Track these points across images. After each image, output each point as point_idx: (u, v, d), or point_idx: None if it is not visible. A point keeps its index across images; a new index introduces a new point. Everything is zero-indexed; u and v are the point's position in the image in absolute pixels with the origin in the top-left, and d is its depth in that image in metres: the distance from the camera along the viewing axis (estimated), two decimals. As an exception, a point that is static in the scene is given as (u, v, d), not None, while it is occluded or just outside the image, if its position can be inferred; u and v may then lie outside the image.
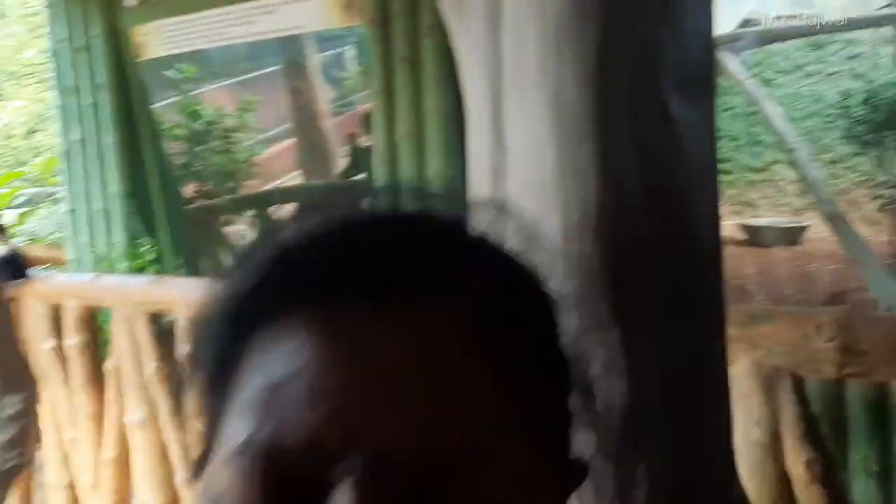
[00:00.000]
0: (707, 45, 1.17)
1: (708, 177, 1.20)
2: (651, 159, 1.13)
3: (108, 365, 2.93)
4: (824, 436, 1.78)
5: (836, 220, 3.92)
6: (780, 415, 1.74)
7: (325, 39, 12.16)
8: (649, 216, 1.14)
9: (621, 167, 1.12)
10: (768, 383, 1.75)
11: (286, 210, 6.65)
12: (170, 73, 7.87)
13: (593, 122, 1.12)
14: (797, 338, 1.71)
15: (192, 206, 6.20)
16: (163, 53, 4.54)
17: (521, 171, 1.17)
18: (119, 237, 4.43)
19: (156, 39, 4.47)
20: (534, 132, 1.15)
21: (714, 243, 1.22)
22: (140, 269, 4.22)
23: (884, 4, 6.10)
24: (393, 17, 3.52)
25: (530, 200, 1.15)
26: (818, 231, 6.22)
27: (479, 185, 1.22)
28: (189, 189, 7.43)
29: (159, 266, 4.31)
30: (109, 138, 4.49)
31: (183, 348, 2.65)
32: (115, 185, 4.46)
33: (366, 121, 4.03)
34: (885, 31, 6.33)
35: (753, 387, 1.75)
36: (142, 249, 4.24)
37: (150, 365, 2.76)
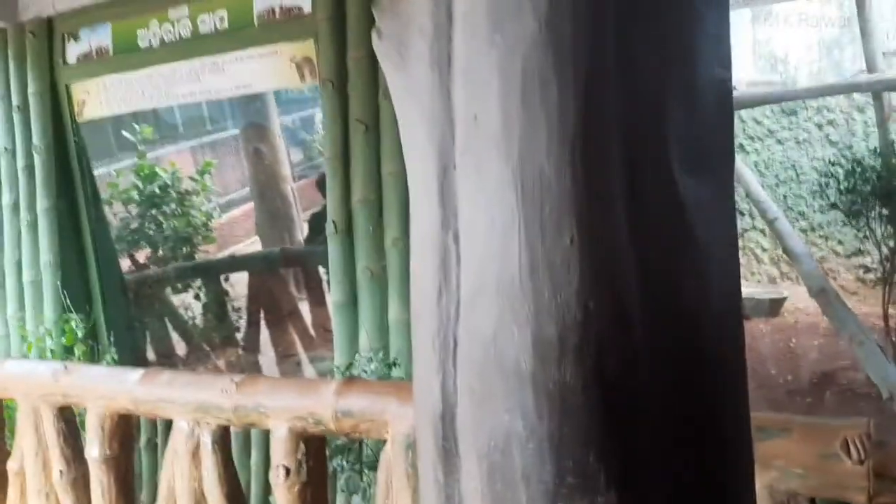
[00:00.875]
0: (725, 109, 0.89)
1: (727, 273, 0.91)
2: (655, 252, 0.84)
3: (10, 465, 2.54)
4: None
5: (824, 296, 3.68)
6: (800, 552, 1.44)
7: (291, 101, 12.00)
8: (653, 327, 0.83)
9: (614, 262, 0.82)
10: (784, 512, 1.44)
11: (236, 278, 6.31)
12: (126, 134, 7.58)
13: (575, 202, 0.82)
14: (817, 457, 1.41)
15: (134, 275, 5.83)
16: (106, 113, 4.23)
17: (477, 267, 0.86)
18: (50, 311, 4.05)
19: (98, 98, 4.17)
20: (494, 214, 0.84)
21: (737, 359, 0.92)
22: (70, 346, 3.84)
23: (856, 71, 6.02)
24: (349, 77, 3.26)
25: (490, 307, 0.84)
26: (797, 301, 6.01)
27: (423, 283, 0.92)
28: (142, 255, 7.06)
29: (92, 342, 3.92)
30: (44, 203, 4.15)
31: (95, 449, 2.28)
32: (47, 255, 4.10)
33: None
34: (859, 97, 6.24)
35: (766, 517, 1.44)
36: (72, 324, 3.86)
37: (58, 468, 2.38)
